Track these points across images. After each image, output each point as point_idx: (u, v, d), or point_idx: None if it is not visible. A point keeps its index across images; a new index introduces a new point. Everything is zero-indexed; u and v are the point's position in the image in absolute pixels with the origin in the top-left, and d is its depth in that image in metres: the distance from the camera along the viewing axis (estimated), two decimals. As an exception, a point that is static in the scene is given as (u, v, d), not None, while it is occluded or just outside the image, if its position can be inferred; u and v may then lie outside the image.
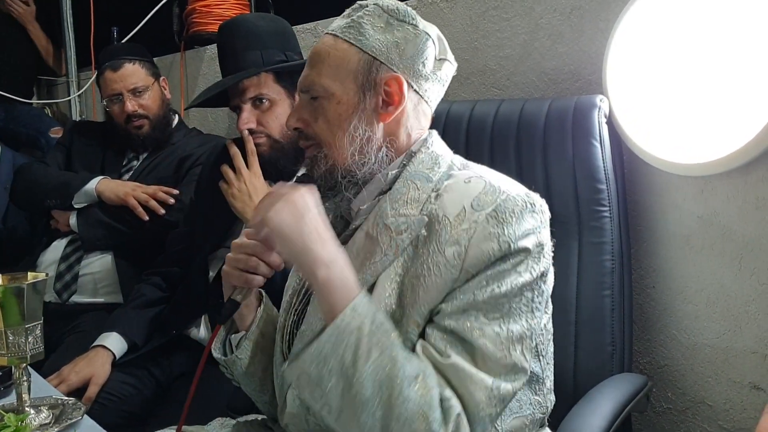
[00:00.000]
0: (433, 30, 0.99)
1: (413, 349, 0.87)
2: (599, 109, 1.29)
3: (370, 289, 0.91)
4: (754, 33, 1.17)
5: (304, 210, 0.87)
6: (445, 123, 1.47)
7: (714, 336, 1.32)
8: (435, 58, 0.98)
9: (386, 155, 0.97)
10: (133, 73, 2.02)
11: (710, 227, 1.30)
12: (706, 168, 1.26)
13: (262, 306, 1.08)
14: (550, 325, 1.01)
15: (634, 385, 1.21)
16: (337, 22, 0.99)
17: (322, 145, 0.98)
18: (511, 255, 0.86)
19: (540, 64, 1.55)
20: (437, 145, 1.00)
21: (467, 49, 1.69)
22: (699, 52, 1.24)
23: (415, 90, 0.97)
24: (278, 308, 1.12)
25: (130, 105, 2.01)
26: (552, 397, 1.04)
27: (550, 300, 1.00)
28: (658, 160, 1.31)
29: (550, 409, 1.03)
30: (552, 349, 1.04)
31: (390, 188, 0.96)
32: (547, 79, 1.54)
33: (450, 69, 1.02)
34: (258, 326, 1.07)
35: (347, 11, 1.00)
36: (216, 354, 1.08)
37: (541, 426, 1.03)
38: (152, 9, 2.61)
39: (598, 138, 1.28)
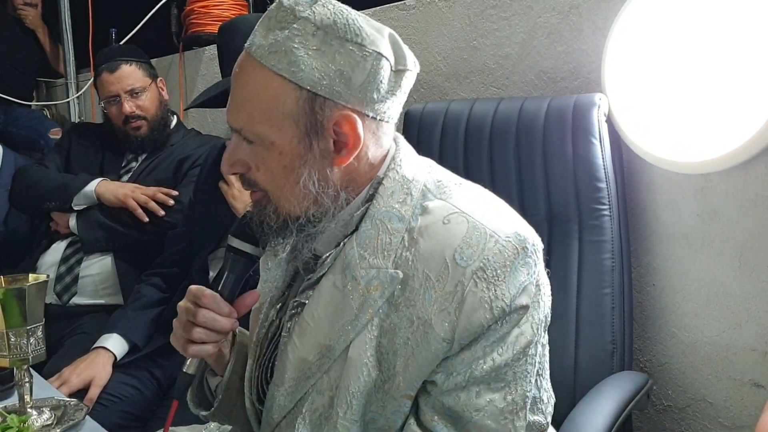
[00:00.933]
0: (383, 39, 0.79)
1: (404, 423, 0.82)
2: (598, 107, 1.29)
3: (344, 351, 0.81)
4: (753, 30, 1.17)
5: None
6: (444, 122, 1.48)
7: (714, 334, 1.32)
8: (391, 71, 0.80)
9: (346, 199, 0.83)
10: (130, 74, 2.02)
11: (710, 225, 1.30)
12: (706, 166, 1.26)
13: (235, 349, 0.96)
14: (545, 339, 0.92)
15: (634, 383, 1.21)
16: (259, 39, 0.78)
17: (269, 197, 0.82)
18: (507, 316, 0.77)
19: (539, 63, 1.55)
20: (406, 162, 0.85)
21: (466, 48, 1.69)
22: (698, 50, 1.24)
23: (372, 117, 0.80)
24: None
25: (128, 106, 2.01)
26: (550, 406, 0.97)
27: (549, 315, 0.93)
28: (658, 158, 1.31)
29: (549, 420, 0.97)
30: (548, 357, 0.97)
31: (356, 228, 0.83)
32: (546, 78, 1.54)
33: (411, 76, 0.84)
34: (235, 370, 0.95)
35: (267, 17, 0.79)
36: (195, 410, 0.98)
37: None
38: (151, 10, 2.61)
39: (597, 136, 1.28)
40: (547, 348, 0.96)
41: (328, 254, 0.84)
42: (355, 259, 0.81)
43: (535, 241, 0.81)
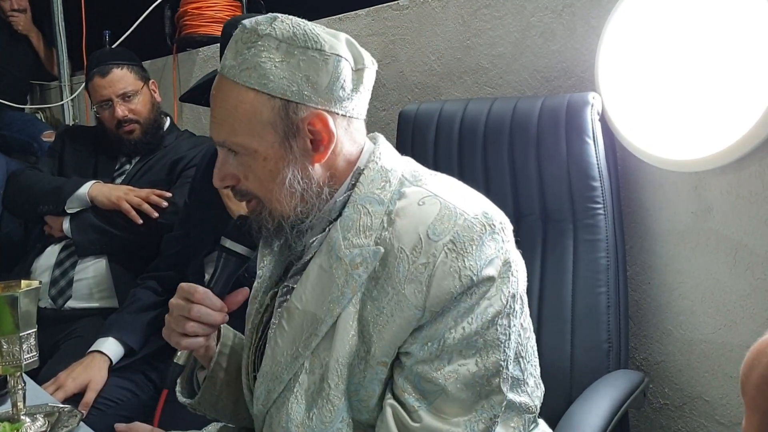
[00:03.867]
0: (340, 43, 0.86)
1: (383, 392, 0.87)
2: (592, 106, 1.29)
3: (331, 328, 0.87)
4: (746, 28, 1.17)
5: None
6: (438, 122, 1.47)
7: (710, 331, 1.32)
8: (352, 71, 0.87)
9: (329, 193, 0.90)
10: (122, 78, 2.01)
11: (704, 223, 1.30)
12: (700, 164, 1.26)
13: (220, 343, 1.03)
14: (527, 323, 0.98)
15: (630, 382, 1.21)
16: (229, 61, 0.86)
17: (262, 202, 0.90)
18: (475, 287, 0.82)
19: (532, 62, 1.54)
20: (385, 156, 0.92)
21: (459, 48, 1.68)
22: (691, 48, 1.24)
23: (341, 115, 0.87)
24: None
25: (120, 110, 2.00)
26: (539, 392, 1.02)
27: (525, 297, 0.96)
28: (652, 157, 1.31)
29: (538, 405, 1.01)
30: (533, 344, 1.01)
31: (339, 215, 0.89)
32: (540, 77, 1.54)
33: (371, 73, 0.90)
34: (218, 363, 1.02)
35: (233, 40, 0.86)
36: (182, 399, 1.05)
37: (534, 422, 1.02)
38: (144, 12, 2.60)
39: (591, 135, 1.28)
40: (530, 332, 1.00)
41: (314, 239, 0.91)
42: (339, 240, 0.87)
43: (503, 220, 0.87)
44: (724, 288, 1.29)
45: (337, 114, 0.87)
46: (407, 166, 0.94)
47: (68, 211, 1.98)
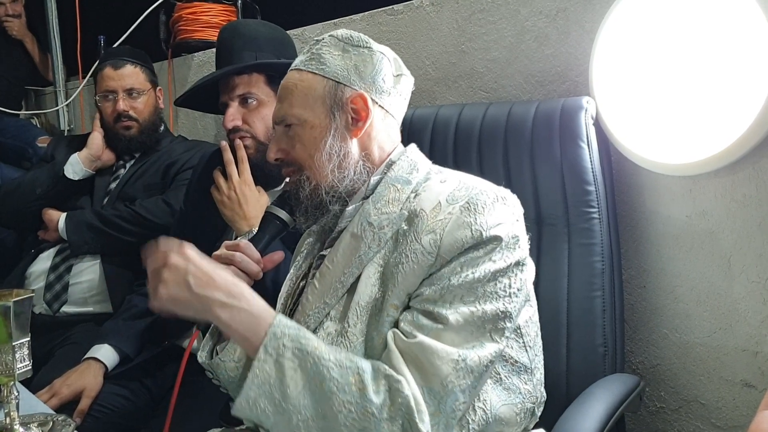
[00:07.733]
0: (387, 51, 1.07)
1: (395, 329, 0.94)
2: (586, 110, 1.29)
3: (356, 280, 0.98)
4: (738, 33, 1.17)
5: (185, 267, 0.92)
6: (433, 127, 1.47)
7: (705, 335, 1.32)
8: (392, 75, 1.07)
9: (364, 168, 1.05)
10: (132, 74, 2.05)
11: (699, 226, 1.31)
12: (694, 167, 1.26)
13: None
14: (536, 318, 1.06)
15: (626, 386, 1.21)
16: (299, 58, 1.08)
17: (303, 168, 1.05)
18: (483, 243, 0.92)
19: (527, 67, 1.55)
20: (415, 155, 1.08)
21: (454, 53, 1.68)
22: (685, 52, 1.24)
23: (379, 105, 1.05)
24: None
25: (122, 104, 2.02)
26: (543, 391, 1.06)
27: (533, 294, 1.05)
28: (646, 161, 1.32)
29: (540, 401, 1.06)
30: (540, 343, 1.07)
31: (372, 193, 1.03)
32: (534, 82, 1.54)
33: (408, 82, 1.10)
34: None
35: (307, 48, 1.08)
36: (201, 360, 1.12)
37: (532, 415, 1.05)
38: (139, 17, 2.60)
39: (585, 140, 1.28)
40: (538, 330, 1.06)
41: (351, 206, 1.04)
42: (371, 210, 1.00)
43: (514, 199, 1.00)
44: (719, 291, 1.29)
45: (376, 102, 1.04)
46: (434, 166, 1.09)
47: (67, 176, 2.02)
